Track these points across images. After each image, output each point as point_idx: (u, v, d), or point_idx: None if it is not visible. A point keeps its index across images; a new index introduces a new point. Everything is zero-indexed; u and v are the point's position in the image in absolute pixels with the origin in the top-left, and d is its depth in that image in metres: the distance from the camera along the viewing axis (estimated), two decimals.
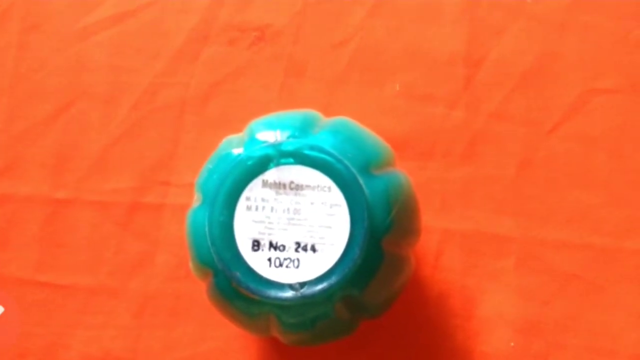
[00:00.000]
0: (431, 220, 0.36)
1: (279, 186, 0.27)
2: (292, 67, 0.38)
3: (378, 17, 0.38)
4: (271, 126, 0.29)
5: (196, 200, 0.29)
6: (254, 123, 0.30)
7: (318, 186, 0.27)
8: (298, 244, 0.27)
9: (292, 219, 0.27)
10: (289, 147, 0.27)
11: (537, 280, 0.35)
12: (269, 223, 0.27)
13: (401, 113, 0.37)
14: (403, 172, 0.30)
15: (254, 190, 0.27)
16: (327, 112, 0.32)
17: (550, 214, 0.35)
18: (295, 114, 0.30)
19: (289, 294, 0.26)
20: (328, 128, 0.29)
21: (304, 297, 0.26)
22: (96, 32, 0.39)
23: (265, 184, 0.27)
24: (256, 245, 0.27)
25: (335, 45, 0.38)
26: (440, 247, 0.36)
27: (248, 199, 0.27)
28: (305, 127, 0.29)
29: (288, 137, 0.28)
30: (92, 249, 0.37)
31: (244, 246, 0.27)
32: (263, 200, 0.27)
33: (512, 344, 0.34)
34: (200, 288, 0.30)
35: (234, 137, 0.30)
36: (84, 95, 0.38)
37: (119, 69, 0.39)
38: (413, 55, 0.38)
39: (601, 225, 0.35)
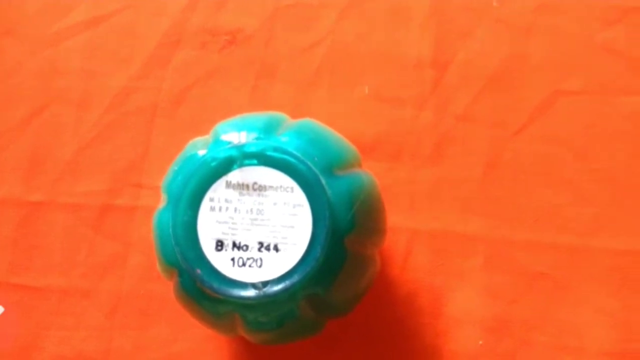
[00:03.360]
0: (400, 221, 0.36)
1: (242, 187, 0.27)
2: (263, 70, 0.39)
3: (347, 21, 0.39)
4: (236, 128, 0.29)
5: (162, 201, 0.29)
6: (219, 125, 0.30)
7: (281, 187, 0.27)
8: (261, 243, 0.27)
9: (255, 219, 0.27)
10: (253, 149, 0.28)
11: (504, 279, 0.35)
12: (233, 223, 0.27)
13: (370, 115, 0.38)
14: (368, 173, 0.31)
15: (218, 191, 0.27)
16: (298, 115, 0.33)
17: (517, 214, 0.36)
18: (260, 116, 0.31)
19: (251, 292, 0.27)
20: (292, 130, 0.30)
21: (266, 296, 0.27)
22: (69, 36, 0.39)
23: (228, 184, 0.27)
24: (220, 245, 0.27)
25: (306, 49, 0.39)
26: (409, 247, 0.36)
27: (212, 199, 0.27)
28: (269, 129, 0.29)
29: (252, 139, 0.28)
30: (65, 251, 0.37)
31: (207, 246, 0.27)
32: (226, 200, 0.27)
33: (480, 342, 0.35)
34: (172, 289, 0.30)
35: (199, 139, 0.30)
36: (57, 99, 0.39)
37: (92, 73, 0.39)
38: (382, 58, 0.38)
39: (568, 224, 0.36)
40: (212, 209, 0.27)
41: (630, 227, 0.35)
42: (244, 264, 0.27)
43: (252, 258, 0.27)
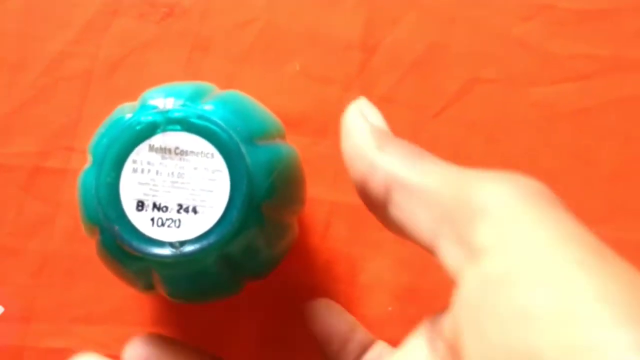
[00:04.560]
0: (322, 193, 0.38)
1: (164, 151, 0.29)
2: (198, 44, 0.40)
3: (282, 0, 0.40)
4: (162, 94, 0.31)
5: (88, 162, 0.31)
6: (147, 91, 0.31)
7: (202, 152, 0.29)
8: (180, 205, 0.29)
9: (176, 182, 0.29)
10: (176, 115, 0.29)
11: (414, 250, 0.38)
12: (154, 185, 0.29)
13: (299, 92, 0.39)
14: (290, 145, 0.33)
15: (141, 154, 0.29)
16: (230, 88, 0.34)
17: None
18: (188, 84, 0.32)
19: (168, 251, 0.28)
20: (218, 99, 0.31)
21: (183, 255, 0.28)
22: None
23: (151, 148, 0.29)
24: (140, 205, 0.29)
25: (241, 25, 0.40)
26: (329, 218, 0.38)
27: (135, 161, 0.29)
28: (195, 97, 0.31)
29: (177, 106, 0.30)
30: None
31: (128, 206, 0.29)
32: (149, 163, 0.29)
33: (389, 308, 0.37)
34: None
35: (127, 104, 0.32)
36: None
37: (28, 35, 0.40)
38: (313, 38, 0.40)
39: None
40: (135, 170, 0.29)
41: None
42: (163, 224, 0.29)
43: (171, 219, 0.29)
